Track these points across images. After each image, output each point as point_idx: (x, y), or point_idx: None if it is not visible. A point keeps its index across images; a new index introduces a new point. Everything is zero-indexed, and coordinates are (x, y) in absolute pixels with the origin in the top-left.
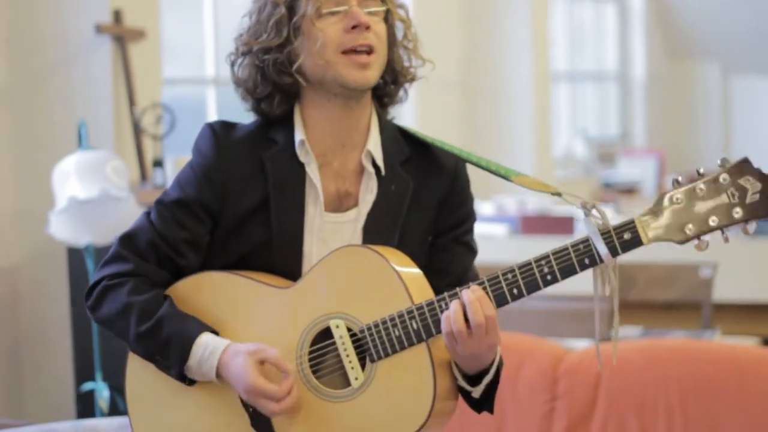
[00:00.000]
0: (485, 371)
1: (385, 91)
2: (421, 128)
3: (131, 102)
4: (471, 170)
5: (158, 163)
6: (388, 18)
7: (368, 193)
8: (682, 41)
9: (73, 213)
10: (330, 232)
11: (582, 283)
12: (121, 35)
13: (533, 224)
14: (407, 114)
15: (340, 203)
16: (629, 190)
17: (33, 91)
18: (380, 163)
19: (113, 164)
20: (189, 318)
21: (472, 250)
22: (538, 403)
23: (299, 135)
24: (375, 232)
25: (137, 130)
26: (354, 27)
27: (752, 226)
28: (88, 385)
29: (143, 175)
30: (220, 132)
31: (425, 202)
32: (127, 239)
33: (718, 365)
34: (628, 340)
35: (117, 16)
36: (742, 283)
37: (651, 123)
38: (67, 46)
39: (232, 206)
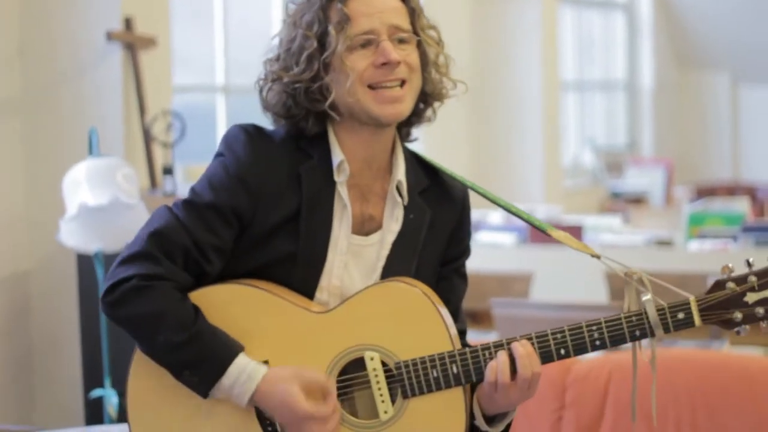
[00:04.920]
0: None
1: (414, 111)
2: (429, 139)
3: (142, 109)
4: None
5: (168, 171)
6: (420, 43)
7: (393, 221)
8: (690, 50)
9: (83, 220)
10: (352, 253)
11: (592, 291)
12: (132, 43)
13: (541, 233)
14: None
15: (362, 226)
16: (637, 200)
17: (44, 99)
18: (405, 192)
19: (124, 171)
20: (223, 335)
21: (466, 280)
22: (546, 412)
23: (338, 155)
24: (398, 261)
25: (147, 138)
26: (383, 64)
27: None
28: (97, 392)
29: (153, 183)
30: (256, 136)
31: (439, 232)
32: (158, 238)
33: (727, 375)
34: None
35: (128, 23)
36: None
37: (659, 132)
38: (78, 53)
39: (263, 215)
